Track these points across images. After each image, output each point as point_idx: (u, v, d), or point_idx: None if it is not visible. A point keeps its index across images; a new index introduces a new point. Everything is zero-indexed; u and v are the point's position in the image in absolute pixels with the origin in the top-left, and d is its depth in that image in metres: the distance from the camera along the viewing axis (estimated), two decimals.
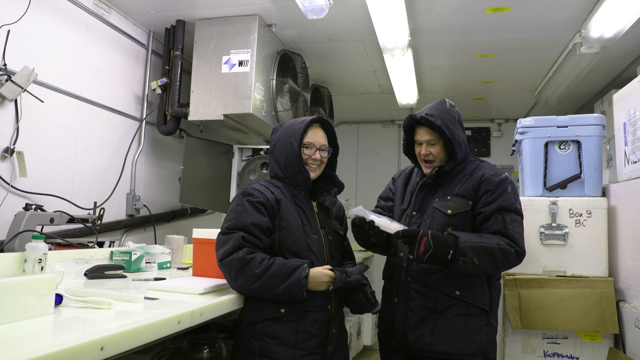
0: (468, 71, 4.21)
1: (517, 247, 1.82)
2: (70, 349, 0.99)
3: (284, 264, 1.71)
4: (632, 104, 2.18)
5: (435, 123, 1.90)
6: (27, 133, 2.51)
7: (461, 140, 1.97)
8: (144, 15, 3.31)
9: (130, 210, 3.31)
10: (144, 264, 2.45)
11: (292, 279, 1.68)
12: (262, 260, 1.69)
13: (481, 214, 1.89)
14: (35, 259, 1.88)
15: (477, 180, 1.93)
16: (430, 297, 1.89)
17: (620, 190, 2.30)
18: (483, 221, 1.88)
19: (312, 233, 1.86)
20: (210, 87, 3.20)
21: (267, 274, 1.67)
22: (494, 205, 1.87)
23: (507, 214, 1.86)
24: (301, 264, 1.72)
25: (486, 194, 1.89)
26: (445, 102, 2.00)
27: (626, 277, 2.21)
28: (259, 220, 1.76)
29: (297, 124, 1.93)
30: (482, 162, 2.04)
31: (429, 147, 1.98)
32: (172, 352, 2.12)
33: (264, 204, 1.80)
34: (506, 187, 1.90)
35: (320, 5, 2.78)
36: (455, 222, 1.91)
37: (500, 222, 1.85)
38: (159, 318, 1.30)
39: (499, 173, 1.94)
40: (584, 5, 2.94)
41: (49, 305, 1.32)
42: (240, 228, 1.74)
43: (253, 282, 1.68)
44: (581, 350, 2.31)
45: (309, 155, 1.91)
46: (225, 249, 1.73)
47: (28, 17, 2.46)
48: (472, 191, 1.92)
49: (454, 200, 1.93)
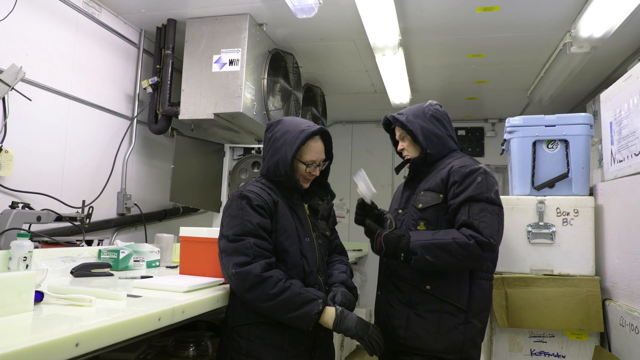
0: (460, 71, 4.22)
1: (480, 236, 1.75)
2: (44, 345, 1.00)
3: (299, 293, 1.67)
4: (618, 103, 2.18)
5: (399, 119, 2.01)
6: (15, 131, 2.50)
7: (431, 133, 1.98)
8: (135, 14, 3.31)
9: (121, 209, 3.31)
10: (132, 263, 2.45)
11: (303, 310, 1.65)
12: (279, 281, 1.66)
13: (451, 205, 1.87)
14: (20, 257, 1.87)
15: (446, 172, 1.92)
16: (405, 291, 1.91)
17: (607, 189, 2.31)
18: (454, 214, 1.86)
19: (304, 236, 1.85)
20: (201, 86, 3.20)
21: (280, 297, 1.64)
22: (462, 196, 1.83)
23: (475, 204, 1.81)
24: (316, 298, 1.68)
25: (454, 186, 1.87)
26: (426, 102, 2.09)
27: (612, 275, 2.22)
28: (264, 222, 1.75)
29: (296, 132, 1.84)
30: (463, 156, 2.02)
31: (402, 142, 2.08)
32: (158, 350, 2.12)
33: (263, 206, 1.77)
34: (475, 177, 1.85)
35: (309, 4, 2.79)
36: (427, 216, 1.91)
37: (467, 212, 1.80)
38: (138, 315, 1.30)
39: (470, 165, 1.90)
40: (573, 5, 2.95)
41: (28, 302, 1.32)
42: (248, 233, 1.71)
43: (265, 300, 1.65)
44: (567, 349, 2.32)
45: (309, 172, 1.89)
46: (239, 259, 1.68)
47: (16, 15, 2.45)
48: (442, 184, 1.91)
49: (426, 194, 1.94)
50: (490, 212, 1.81)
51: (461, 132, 6.01)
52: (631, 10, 2.76)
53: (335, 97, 5.02)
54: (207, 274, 2.09)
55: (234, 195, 1.81)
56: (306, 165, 1.87)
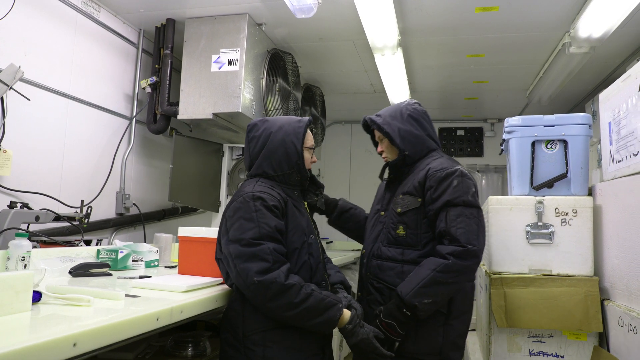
0: (459, 71, 4.22)
1: (458, 248, 1.74)
2: (41, 345, 0.99)
3: (322, 299, 1.65)
4: (617, 103, 2.18)
5: (376, 121, 2.00)
6: (13, 131, 2.50)
7: (408, 134, 1.97)
8: (133, 14, 3.31)
9: (120, 209, 3.31)
10: (131, 262, 2.45)
11: (326, 316, 1.64)
12: (301, 288, 1.62)
13: (430, 211, 1.86)
14: (19, 256, 1.87)
15: (423, 175, 1.90)
16: (385, 294, 1.90)
17: (606, 189, 2.31)
18: (434, 219, 1.85)
19: (309, 233, 1.84)
20: (200, 85, 3.19)
21: (304, 305, 1.61)
22: (439, 202, 1.82)
23: (452, 209, 1.79)
24: (337, 303, 1.68)
25: (430, 190, 1.86)
26: (404, 101, 2.06)
27: (611, 275, 2.22)
28: (279, 225, 1.70)
29: (294, 122, 1.87)
30: (441, 157, 1.99)
31: (381, 144, 2.10)
32: (157, 350, 2.12)
33: (278, 206, 1.72)
34: (451, 181, 1.83)
35: (308, 4, 2.79)
36: (406, 220, 1.91)
37: (444, 219, 1.80)
38: (136, 315, 1.29)
39: (446, 167, 1.87)
40: (572, 5, 2.95)
41: (25, 302, 1.31)
42: (266, 237, 1.64)
43: (288, 309, 1.61)
44: (566, 349, 2.31)
45: (309, 159, 1.91)
46: (260, 265, 1.59)
47: (14, 15, 2.45)
48: (419, 187, 1.90)
49: (404, 198, 1.93)
50: (467, 217, 1.79)
51: (460, 132, 6.02)
52: (630, 10, 2.76)
53: (334, 97, 5.02)
54: (206, 273, 2.09)
55: (244, 197, 1.72)
56: (308, 150, 1.91)
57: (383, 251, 1.94)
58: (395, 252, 1.90)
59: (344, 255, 4.14)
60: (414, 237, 1.89)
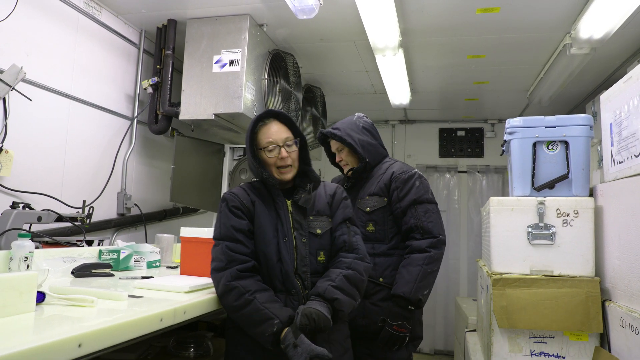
0: (460, 71, 4.23)
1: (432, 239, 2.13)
2: (46, 346, 1.00)
3: (258, 309, 1.58)
4: (618, 104, 2.19)
5: (335, 134, 2.28)
6: (15, 131, 2.50)
7: (366, 143, 2.27)
8: (135, 15, 3.31)
9: (121, 209, 3.31)
10: (133, 263, 2.45)
11: (260, 328, 1.58)
12: (243, 294, 1.60)
13: (398, 209, 2.18)
14: (21, 257, 1.87)
15: (388, 178, 2.22)
16: None
17: (607, 190, 2.31)
18: (401, 216, 2.18)
19: (283, 236, 1.75)
20: (201, 86, 3.20)
21: (242, 311, 1.61)
22: (406, 200, 2.17)
23: (420, 206, 2.16)
24: (272, 318, 1.57)
25: (397, 190, 2.19)
26: (354, 115, 2.36)
27: (612, 276, 2.22)
28: (239, 224, 1.73)
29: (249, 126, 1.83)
30: (397, 162, 2.34)
31: (340, 154, 2.35)
32: (159, 350, 2.13)
33: (240, 207, 1.76)
34: (414, 182, 2.19)
35: (310, 5, 2.79)
36: (375, 218, 2.21)
37: (414, 215, 2.15)
38: (140, 315, 1.30)
39: (408, 170, 2.24)
40: (573, 6, 2.96)
41: (29, 303, 1.32)
42: (224, 236, 1.73)
43: (231, 311, 1.66)
44: (567, 349, 2.32)
45: (276, 157, 1.78)
46: (215, 264, 1.71)
47: (16, 15, 2.45)
48: (385, 189, 2.21)
49: (371, 198, 2.23)
50: (432, 212, 2.20)
51: (460, 133, 6.02)
52: (631, 11, 2.76)
53: (335, 97, 5.03)
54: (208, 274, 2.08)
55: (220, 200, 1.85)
56: (266, 150, 1.78)
57: None
58: (367, 247, 2.07)
59: None
60: (382, 233, 2.22)
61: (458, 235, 5.85)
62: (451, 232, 5.83)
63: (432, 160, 6.05)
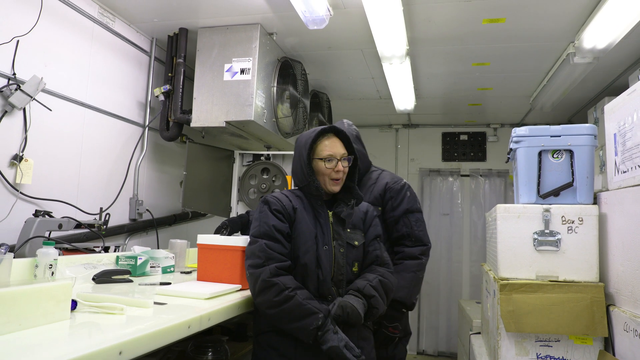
0: (464, 78, 4.30)
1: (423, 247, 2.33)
2: (92, 354, 1.06)
3: (300, 304, 1.66)
4: (622, 116, 2.25)
5: None
6: (35, 140, 2.57)
7: (360, 153, 2.29)
8: (147, 24, 3.38)
9: (133, 215, 3.37)
10: (149, 268, 2.51)
11: (303, 322, 1.65)
12: (284, 289, 1.67)
13: (391, 217, 2.32)
14: (46, 264, 1.94)
15: (382, 188, 2.35)
16: None
17: (611, 198, 2.38)
18: (393, 224, 2.32)
19: (323, 244, 1.84)
20: (213, 94, 3.26)
21: (283, 307, 1.66)
22: (399, 210, 2.32)
23: (411, 215, 2.32)
24: (317, 312, 1.66)
25: (391, 200, 2.33)
26: (344, 122, 2.41)
27: (616, 282, 2.29)
28: (280, 225, 1.80)
29: (308, 133, 1.94)
30: (384, 171, 2.46)
31: None
32: (177, 354, 2.19)
33: (281, 211, 1.83)
34: (405, 192, 2.35)
35: (321, 16, 2.86)
36: None
37: (407, 225, 2.31)
38: (171, 323, 1.37)
39: (399, 180, 2.39)
40: (577, 17, 3.03)
41: (65, 311, 1.38)
42: (263, 234, 1.78)
43: (269, 307, 1.69)
44: (572, 353, 2.38)
45: (332, 169, 1.89)
46: (253, 261, 1.75)
47: (36, 28, 2.52)
48: (380, 198, 2.33)
49: None
50: (421, 221, 2.36)
51: (463, 137, 6.09)
52: (635, 22, 2.82)
53: (340, 102, 5.10)
54: (224, 280, 2.15)
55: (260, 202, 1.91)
56: (324, 160, 1.89)
57: None
58: None
59: None
60: None
61: (461, 238, 5.91)
62: (454, 235, 5.90)
63: (435, 164, 6.13)
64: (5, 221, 2.36)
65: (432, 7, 2.98)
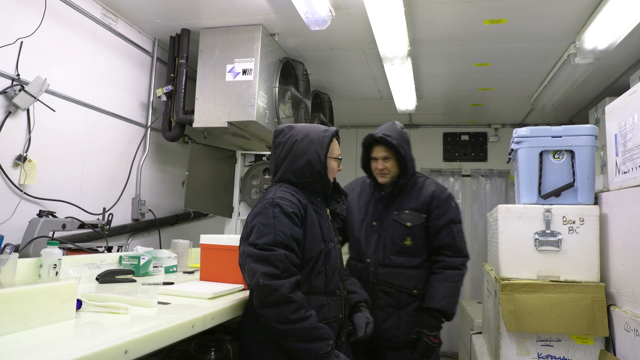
0: (466, 79, 4.31)
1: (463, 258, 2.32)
2: (99, 353, 1.08)
3: (316, 328, 1.64)
4: (623, 117, 2.26)
5: (392, 143, 2.28)
6: (38, 141, 2.58)
7: (410, 155, 2.34)
8: (150, 24, 3.39)
9: (136, 215, 3.39)
10: (152, 268, 2.53)
11: (314, 345, 1.63)
12: (300, 309, 1.62)
13: (434, 226, 2.30)
14: (51, 264, 1.95)
15: (429, 196, 2.33)
16: (394, 296, 2.29)
17: (612, 198, 2.39)
18: (436, 233, 2.30)
19: (329, 240, 1.85)
20: (215, 95, 3.27)
21: (297, 325, 1.61)
22: (443, 219, 2.30)
23: (454, 226, 2.30)
24: (328, 339, 1.65)
25: (436, 209, 2.31)
26: (396, 125, 2.37)
27: (617, 282, 2.30)
28: (296, 233, 1.72)
29: (319, 132, 1.90)
30: (428, 178, 2.45)
31: (385, 162, 2.34)
32: (180, 354, 2.20)
33: (297, 214, 1.74)
34: (451, 202, 2.34)
35: (322, 17, 2.87)
36: (413, 232, 2.31)
37: (450, 235, 2.29)
38: (176, 323, 1.38)
39: (445, 190, 2.39)
40: (578, 18, 3.03)
41: (71, 310, 1.40)
42: (280, 244, 1.66)
43: (280, 321, 1.61)
44: (573, 353, 2.39)
45: (335, 167, 1.96)
46: (269, 269, 1.62)
47: (40, 29, 2.53)
48: (426, 205, 2.31)
49: (411, 213, 2.32)
50: (462, 232, 2.36)
51: (464, 137, 6.10)
52: (636, 23, 2.83)
53: (341, 102, 5.11)
54: (227, 280, 2.17)
55: (264, 204, 1.76)
56: (336, 160, 1.97)
57: (393, 260, 2.30)
58: (403, 259, 2.29)
59: None
60: (417, 247, 2.31)
61: None
62: None
63: (436, 164, 6.13)
64: (9, 221, 2.37)
65: (434, 8, 3.00)
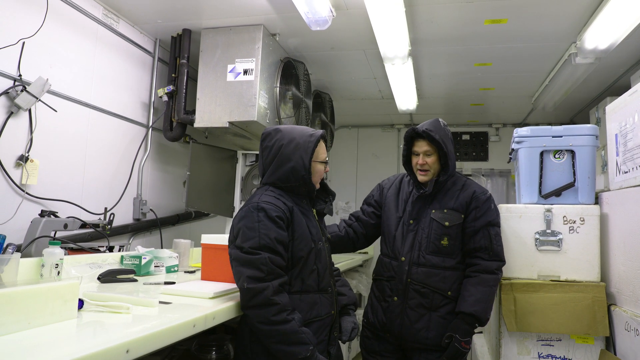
0: (467, 78, 4.31)
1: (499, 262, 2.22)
2: (100, 352, 1.08)
3: (296, 332, 1.66)
4: (624, 116, 2.27)
5: (434, 137, 2.18)
6: (40, 141, 2.59)
7: (452, 153, 2.25)
8: (151, 25, 3.40)
9: (137, 215, 3.40)
10: (153, 268, 2.53)
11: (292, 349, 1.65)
12: (282, 311, 1.65)
13: (471, 227, 2.21)
14: (52, 264, 1.96)
15: (469, 196, 2.25)
16: (427, 297, 2.19)
17: (612, 198, 2.39)
18: (472, 235, 2.21)
19: (318, 241, 1.88)
20: (216, 95, 3.28)
21: (278, 327, 1.64)
22: (481, 221, 2.21)
23: (492, 229, 2.22)
24: (308, 344, 1.67)
25: (475, 210, 2.22)
26: (440, 121, 2.26)
27: (617, 282, 2.30)
28: (281, 236, 1.73)
29: (305, 137, 1.89)
30: (468, 179, 2.37)
31: (426, 157, 2.24)
32: (182, 353, 2.20)
33: (282, 217, 1.76)
34: (490, 204, 2.26)
35: (323, 17, 2.87)
36: (450, 232, 2.22)
37: (487, 237, 2.20)
38: (177, 322, 1.39)
39: (485, 191, 2.30)
40: (579, 18, 3.04)
41: (72, 310, 1.40)
42: (264, 247, 1.69)
43: (263, 323, 1.65)
44: (574, 352, 2.40)
45: (321, 170, 1.96)
46: (253, 273, 1.65)
47: (42, 30, 2.54)
48: (465, 206, 2.24)
49: (450, 213, 2.24)
50: (500, 236, 2.26)
51: (465, 137, 6.10)
52: (637, 23, 2.83)
53: (342, 102, 5.11)
54: (228, 279, 2.16)
55: (249, 207, 1.78)
56: (322, 163, 1.96)
57: (428, 259, 2.21)
58: (438, 259, 2.20)
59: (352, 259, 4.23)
60: (453, 247, 2.23)
61: None
62: None
63: None
64: (11, 221, 2.38)
65: (434, 8, 3.00)
